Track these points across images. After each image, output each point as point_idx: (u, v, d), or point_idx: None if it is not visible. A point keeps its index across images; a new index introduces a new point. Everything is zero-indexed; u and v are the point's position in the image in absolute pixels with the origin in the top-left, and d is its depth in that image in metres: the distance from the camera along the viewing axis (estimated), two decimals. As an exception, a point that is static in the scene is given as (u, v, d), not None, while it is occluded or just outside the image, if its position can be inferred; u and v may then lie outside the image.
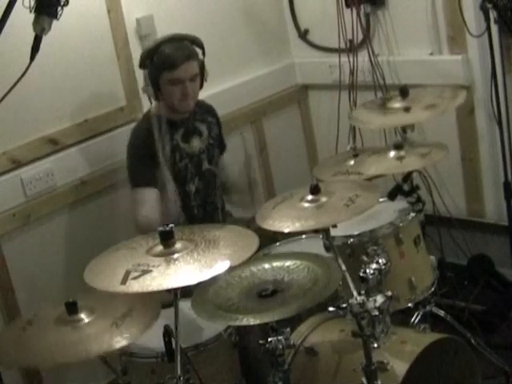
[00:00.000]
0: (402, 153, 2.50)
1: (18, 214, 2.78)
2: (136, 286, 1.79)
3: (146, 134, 2.74)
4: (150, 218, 2.64)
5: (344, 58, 3.51)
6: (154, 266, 1.85)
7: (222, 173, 3.04)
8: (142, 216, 2.69)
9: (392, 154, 2.52)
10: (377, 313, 2.05)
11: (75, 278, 2.89)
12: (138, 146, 2.76)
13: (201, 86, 2.81)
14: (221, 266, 1.85)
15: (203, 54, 2.81)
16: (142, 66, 2.77)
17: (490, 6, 2.79)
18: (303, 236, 2.79)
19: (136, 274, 1.83)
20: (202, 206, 2.87)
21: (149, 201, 2.71)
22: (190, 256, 1.88)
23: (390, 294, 2.20)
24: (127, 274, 1.83)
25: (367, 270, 2.26)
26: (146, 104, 2.92)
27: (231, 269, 1.92)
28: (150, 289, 1.78)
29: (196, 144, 2.86)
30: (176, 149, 2.79)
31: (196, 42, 2.79)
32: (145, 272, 1.83)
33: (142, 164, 2.73)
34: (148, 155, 2.70)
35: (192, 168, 2.83)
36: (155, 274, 1.82)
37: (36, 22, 2.05)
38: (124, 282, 1.81)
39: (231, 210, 3.08)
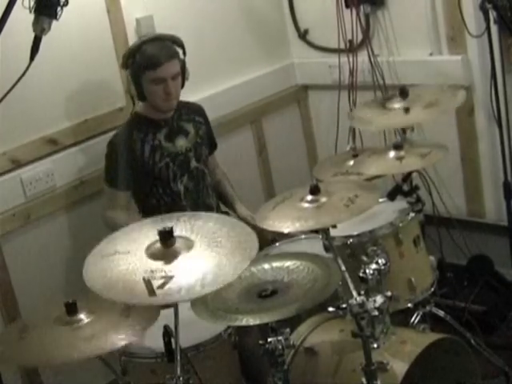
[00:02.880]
0: (402, 153, 2.50)
1: (18, 214, 2.78)
2: (167, 295, 1.72)
3: (125, 135, 2.79)
4: (115, 221, 2.74)
5: (344, 59, 3.51)
6: (171, 271, 1.78)
7: (213, 174, 3.04)
8: (109, 216, 2.82)
9: (392, 154, 2.52)
10: (376, 313, 2.05)
11: (75, 278, 2.91)
12: (116, 147, 2.79)
13: (182, 86, 2.83)
14: (244, 260, 1.81)
15: (184, 53, 2.83)
16: (124, 66, 2.79)
17: (489, 6, 2.79)
18: (303, 236, 2.79)
19: (159, 281, 1.74)
20: (195, 205, 2.87)
21: (120, 204, 2.81)
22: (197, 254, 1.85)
23: (389, 294, 2.20)
24: (148, 283, 1.74)
25: (367, 271, 2.26)
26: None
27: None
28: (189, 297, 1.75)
29: (181, 143, 2.87)
30: (157, 148, 2.80)
31: (177, 41, 2.81)
32: (167, 278, 1.75)
33: (118, 166, 2.77)
34: (125, 157, 2.76)
35: (176, 167, 2.83)
36: (179, 278, 1.76)
37: (36, 23, 2.05)
38: (152, 292, 1.71)
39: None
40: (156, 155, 2.80)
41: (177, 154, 2.85)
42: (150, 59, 2.70)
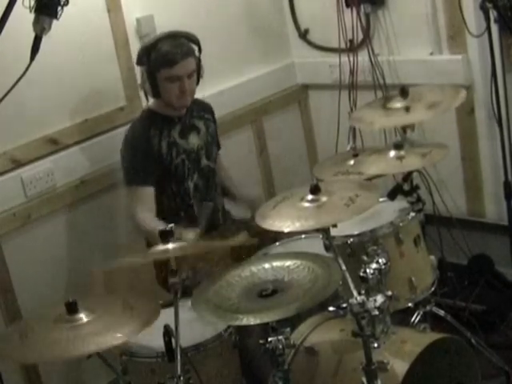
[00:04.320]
0: (402, 153, 2.50)
1: (18, 213, 2.78)
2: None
3: (142, 130, 2.78)
4: (148, 222, 2.68)
5: (344, 58, 3.51)
6: None
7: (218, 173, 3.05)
8: (141, 219, 2.73)
9: (392, 153, 2.52)
10: (377, 312, 2.04)
11: (75, 277, 2.92)
12: (134, 142, 2.78)
13: (197, 83, 2.82)
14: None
15: (199, 50, 2.83)
16: (139, 62, 2.78)
17: (490, 5, 2.78)
18: (303, 236, 2.79)
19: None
20: (201, 204, 2.86)
21: (147, 200, 2.75)
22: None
23: (390, 293, 2.20)
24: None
25: (367, 270, 2.25)
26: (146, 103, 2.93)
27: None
28: None
29: (194, 140, 2.87)
30: (173, 145, 2.80)
31: (192, 38, 2.81)
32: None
33: (138, 161, 2.75)
34: (144, 152, 2.74)
35: (190, 164, 2.84)
36: None
37: (36, 22, 2.05)
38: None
39: (231, 209, 3.08)
40: (173, 152, 2.80)
41: (190, 151, 2.85)
42: (166, 57, 2.69)
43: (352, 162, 2.84)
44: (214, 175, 2.94)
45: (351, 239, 2.46)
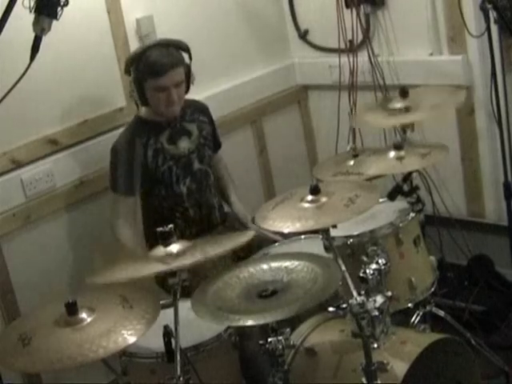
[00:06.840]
0: (402, 153, 2.50)
1: (18, 214, 2.78)
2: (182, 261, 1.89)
3: (128, 141, 2.78)
4: (127, 239, 2.76)
5: (344, 59, 3.51)
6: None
7: (215, 169, 3.03)
8: (120, 233, 2.78)
9: (392, 154, 2.52)
10: (377, 313, 2.05)
11: (75, 277, 2.92)
12: (119, 153, 2.77)
13: (187, 90, 2.80)
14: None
15: (190, 58, 2.80)
16: (126, 71, 2.77)
17: (489, 6, 2.79)
18: (302, 236, 2.79)
19: (169, 259, 1.92)
20: (197, 206, 2.87)
21: (128, 213, 2.79)
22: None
23: (389, 294, 2.20)
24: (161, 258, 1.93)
25: (367, 271, 2.26)
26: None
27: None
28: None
29: (184, 145, 2.84)
30: (159, 152, 2.79)
31: (182, 47, 2.78)
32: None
33: (123, 171, 2.75)
34: (129, 163, 2.74)
35: (179, 170, 2.82)
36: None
37: (36, 23, 2.05)
38: (166, 263, 1.90)
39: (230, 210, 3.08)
40: (159, 159, 2.78)
41: (180, 157, 2.82)
42: (153, 67, 2.66)
43: (352, 163, 2.84)
44: (208, 177, 2.91)
45: (351, 240, 2.46)
